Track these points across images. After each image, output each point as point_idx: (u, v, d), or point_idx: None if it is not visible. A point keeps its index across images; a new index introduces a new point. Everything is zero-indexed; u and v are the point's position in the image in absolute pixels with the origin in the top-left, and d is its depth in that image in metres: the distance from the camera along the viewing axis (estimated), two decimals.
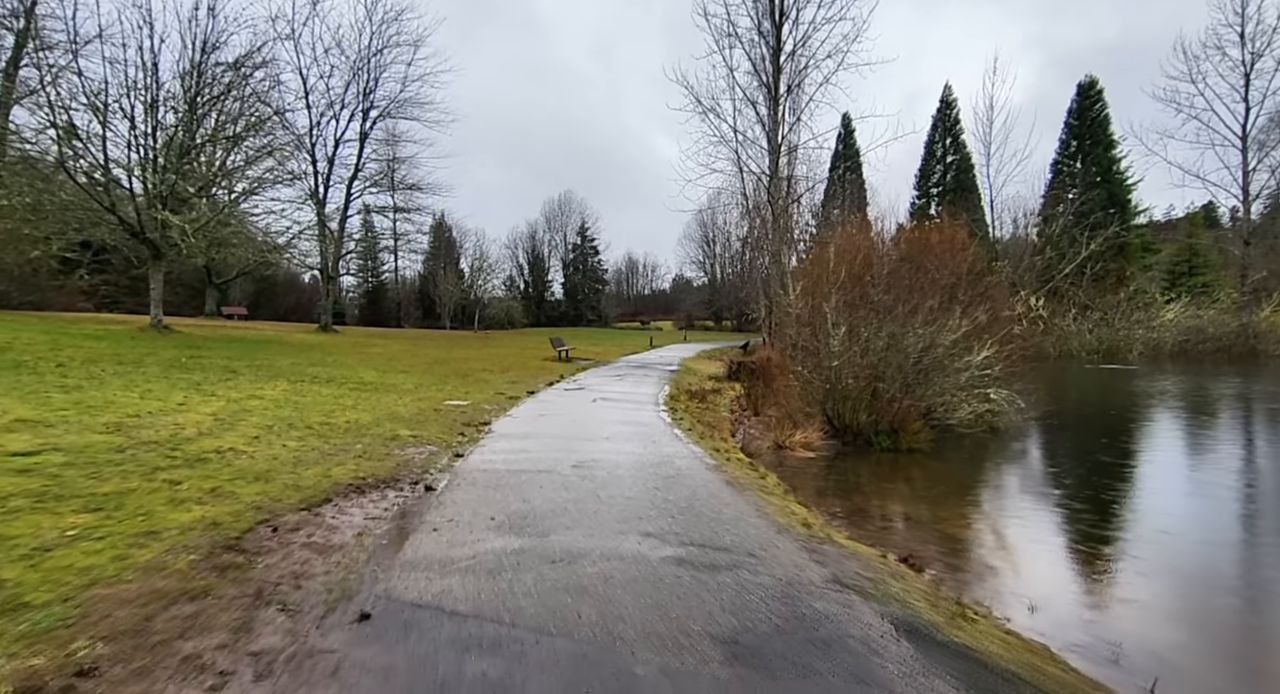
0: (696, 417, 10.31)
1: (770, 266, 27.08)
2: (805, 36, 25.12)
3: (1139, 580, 4.46)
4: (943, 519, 5.81)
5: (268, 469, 4.81)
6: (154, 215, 14.86)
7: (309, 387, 9.76)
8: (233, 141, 17.39)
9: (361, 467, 5.26)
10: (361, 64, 25.92)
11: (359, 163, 27.61)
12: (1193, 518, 6.16)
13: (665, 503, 4.63)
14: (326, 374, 11.72)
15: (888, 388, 8.26)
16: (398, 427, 7.31)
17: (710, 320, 64.84)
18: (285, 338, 21.01)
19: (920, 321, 8.13)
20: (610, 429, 7.98)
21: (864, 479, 7.44)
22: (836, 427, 8.97)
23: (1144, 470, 8.29)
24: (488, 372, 15.10)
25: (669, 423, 8.87)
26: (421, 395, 10.23)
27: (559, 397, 11.39)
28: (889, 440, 8.52)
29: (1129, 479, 7.73)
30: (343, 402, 8.68)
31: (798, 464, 8.01)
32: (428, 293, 54.49)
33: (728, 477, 5.69)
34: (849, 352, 8.09)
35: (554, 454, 6.29)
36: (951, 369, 8.41)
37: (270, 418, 6.87)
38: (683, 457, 6.48)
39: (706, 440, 7.80)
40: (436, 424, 7.79)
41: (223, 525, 3.52)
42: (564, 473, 5.48)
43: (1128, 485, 7.42)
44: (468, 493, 4.73)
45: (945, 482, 7.45)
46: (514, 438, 7.23)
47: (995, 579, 4.45)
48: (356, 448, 5.99)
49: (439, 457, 6.01)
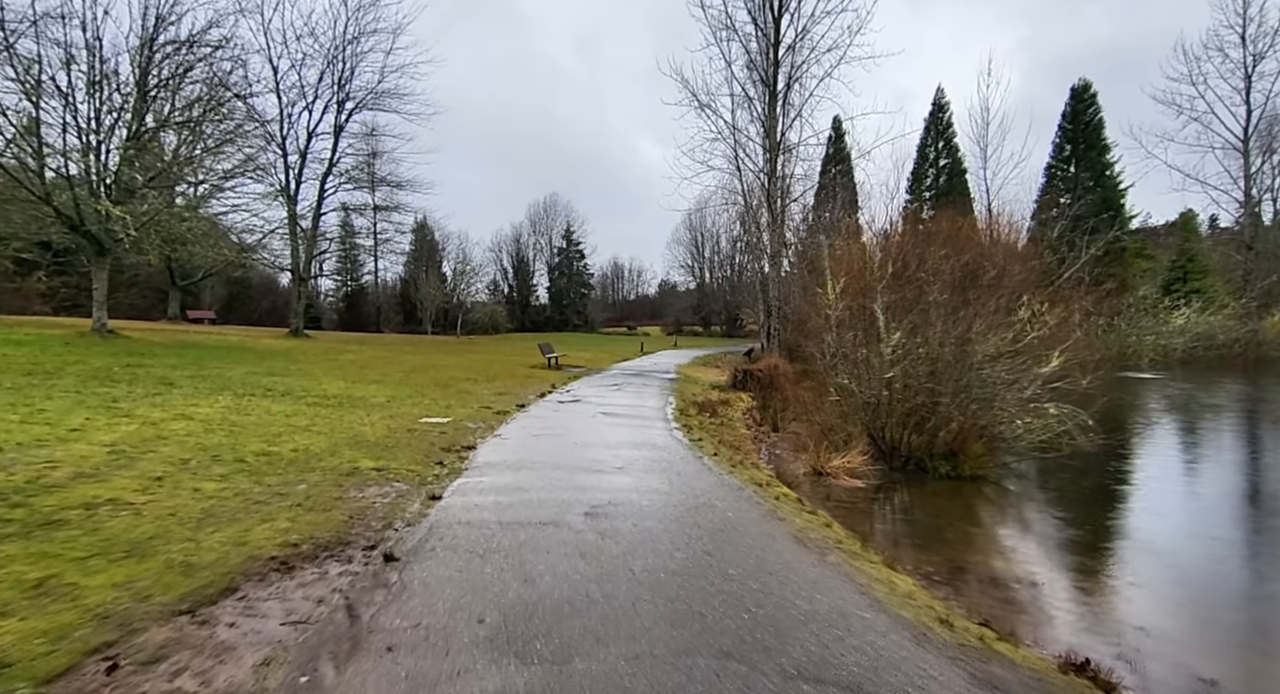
0: (714, 435, 8.96)
1: (770, 269, 25.99)
2: (805, 29, 24.14)
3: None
4: (1089, 593, 4.49)
5: (154, 535, 3.35)
6: (95, 206, 13.18)
7: (258, 402, 8.24)
8: (190, 128, 15.69)
9: (298, 522, 3.82)
10: (336, 52, 24.35)
11: (333, 157, 25.95)
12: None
13: (727, 581, 3.26)
14: (284, 386, 10.17)
15: (948, 403, 6.99)
16: (359, 455, 5.86)
17: (699, 326, 63.70)
18: (249, 343, 19.28)
19: (985, 326, 6.90)
20: (622, 454, 6.60)
21: (934, 518, 6.14)
22: (882, 448, 7.68)
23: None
24: (471, 381, 13.62)
25: (687, 444, 7.52)
26: (394, 412, 8.75)
27: (553, 411, 9.97)
28: (947, 465, 7.25)
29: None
30: (295, 422, 7.18)
31: (846, 496, 6.69)
32: (409, 297, 52.64)
33: (791, 527, 4.35)
34: (906, 360, 6.83)
35: (558, 494, 4.90)
36: (1017, 381, 7.17)
37: (191, 448, 5.37)
38: (721, 495, 5.12)
39: (739, 470, 6.45)
40: (409, 450, 6.34)
41: (16, 665, 2.07)
42: (575, 526, 4.09)
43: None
44: (444, 566, 3.32)
45: (1044, 525, 6.13)
46: (505, 468, 5.82)
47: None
48: (298, 490, 4.53)
49: (408, 500, 4.58)
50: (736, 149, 25.94)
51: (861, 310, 7.51)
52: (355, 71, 25.07)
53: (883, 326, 6.97)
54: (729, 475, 6.00)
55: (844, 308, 7.63)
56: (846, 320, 7.66)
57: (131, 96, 14.06)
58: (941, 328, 6.87)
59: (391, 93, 26.09)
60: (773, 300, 25.81)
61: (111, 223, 13.18)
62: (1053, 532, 5.95)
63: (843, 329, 7.65)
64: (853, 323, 7.65)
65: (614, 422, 9.08)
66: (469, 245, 63.03)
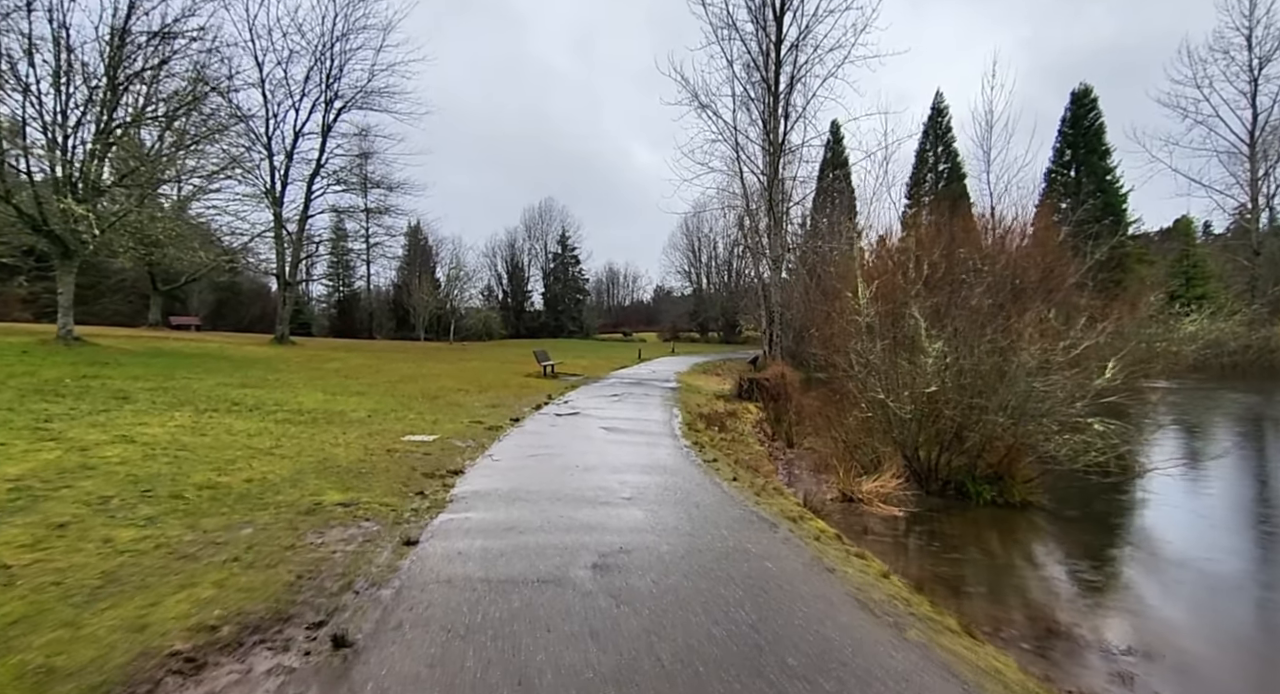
0: (728, 453, 8.16)
1: (771, 274, 25.30)
2: (808, 28, 23.54)
3: None
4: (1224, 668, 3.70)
5: (19, 616, 2.51)
6: (59, 205, 12.29)
7: (219, 419, 7.37)
8: (166, 124, 14.79)
9: (228, 588, 2.98)
10: (324, 49, 23.53)
11: (321, 158, 25.06)
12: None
13: (789, 677, 2.44)
14: (255, 399, 9.29)
15: (993, 419, 6.21)
16: (326, 486, 5.01)
17: (696, 332, 62.97)
18: (229, 351, 18.35)
19: (1036, 332, 6.15)
20: (630, 481, 5.78)
21: (993, 557, 5.34)
22: (916, 470, 6.89)
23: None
24: (462, 391, 12.77)
25: (701, 466, 6.71)
26: (374, 429, 7.90)
27: (550, 426, 9.15)
28: (992, 490, 6.46)
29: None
30: (257, 443, 6.32)
31: (885, 528, 5.88)
32: (402, 303, 51.70)
33: (847, 583, 3.54)
34: (948, 371, 6.05)
35: (559, 536, 4.08)
36: (1069, 394, 6.40)
37: (119, 481, 4.51)
38: (753, 536, 4.31)
39: (765, 498, 5.64)
40: (385, 477, 5.50)
41: None
42: (582, 584, 3.28)
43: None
44: (411, 656, 2.50)
45: (1129, 568, 5.29)
46: (496, 500, 4.99)
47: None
48: (241, 537, 3.69)
49: (377, 547, 3.74)
50: (738, 150, 25.29)
51: (894, 316, 6.75)
52: (344, 69, 24.33)
53: (924, 334, 6.21)
54: (756, 506, 5.19)
55: (876, 314, 6.87)
56: (877, 327, 6.89)
57: (100, 89, 13.19)
58: (990, 335, 6.10)
59: (382, 92, 25.33)
60: (775, 306, 25.10)
61: (77, 223, 12.29)
62: (1142, 576, 5.16)
63: (874, 337, 6.88)
64: (884, 330, 6.88)
65: (617, 438, 8.26)
66: (463, 250, 62.35)
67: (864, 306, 6.88)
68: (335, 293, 58.22)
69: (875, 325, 6.86)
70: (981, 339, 6.12)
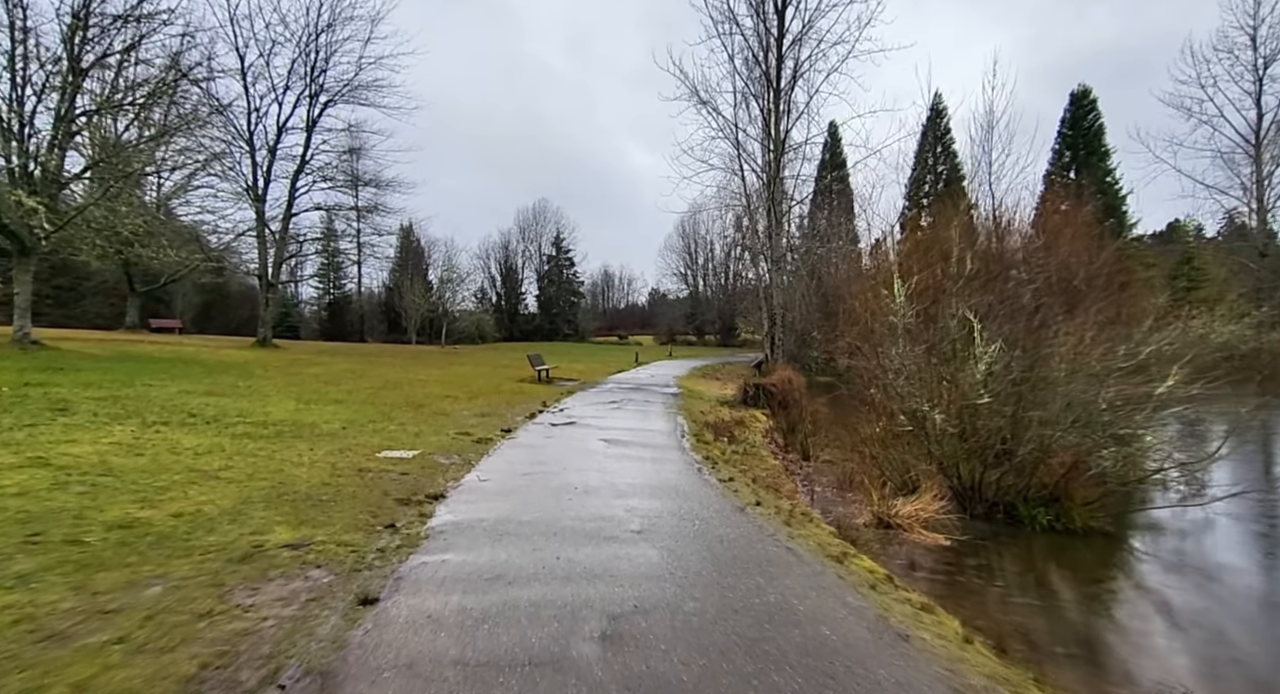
0: (743, 469, 7.35)
1: (773, 275, 24.57)
2: (810, 22, 22.85)
3: None
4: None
5: None
6: (10, 197, 11.34)
7: (168, 434, 6.48)
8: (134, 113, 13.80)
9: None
10: (309, 40, 22.60)
11: (305, 154, 24.07)
12: None
13: None
14: (217, 409, 8.40)
15: (1047, 433, 5.43)
16: (275, 519, 4.16)
17: (693, 335, 62.16)
18: (204, 356, 17.38)
19: (1102, 335, 5.39)
20: (638, 508, 4.96)
21: (1071, 603, 4.54)
22: (956, 489, 6.09)
23: None
24: (451, 399, 11.90)
25: (717, 487, 5.89)
26: (347, 443, 7.04)
27: (545, 438, 8.31)
28: (1049, 514, 5.67)
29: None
30: (204, 463, 5.45)
31: (935, 562, 5.08)
32: (393, 305, 50.68)
33: (932, 658, 2.72)
34: (1004, 379, 5.27)
35: (557, 590, 3.25)
36: (1132, 404, 5.63)
37: (6, 519, 3.63)
38: (796, 585, 3.49)
39: (797, 528, 4.82)
40: (351, 506, 4.65)
41: None
42: (588, 670, 2.45)
43: None
44: None
45: (1233, 615, 4.51)
46: (480, 536, 4.16)
47: None
48: (142, 600, 2.84)
49: (323, 610, 2.90)
50: (738, 148, 24.55)
51: (932, 317, 5.98)
52: (330, 62, 23.39)
53: (977, 337, 5.42)
54: (789, 540, 4.37)
55: (914, 314, 6.09)
56: (918, 331, 6.12)
57: (60, 74, 12.26)
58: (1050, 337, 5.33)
59: (370, 85, 24.40)
60: (776, 308, 24.37)
61: (30, 217, 11.35)
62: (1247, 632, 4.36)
63: (910, 340, 6.10)
64: (920, 332, 6.10)
65: (620, 453, 7.43)
66: (455, 252, 61.16)
67: (899, 306, 6.10)
68: (326, 295, 57.14)
69: (914, 328, 6.09)
70: (1042, 342, 5.35)
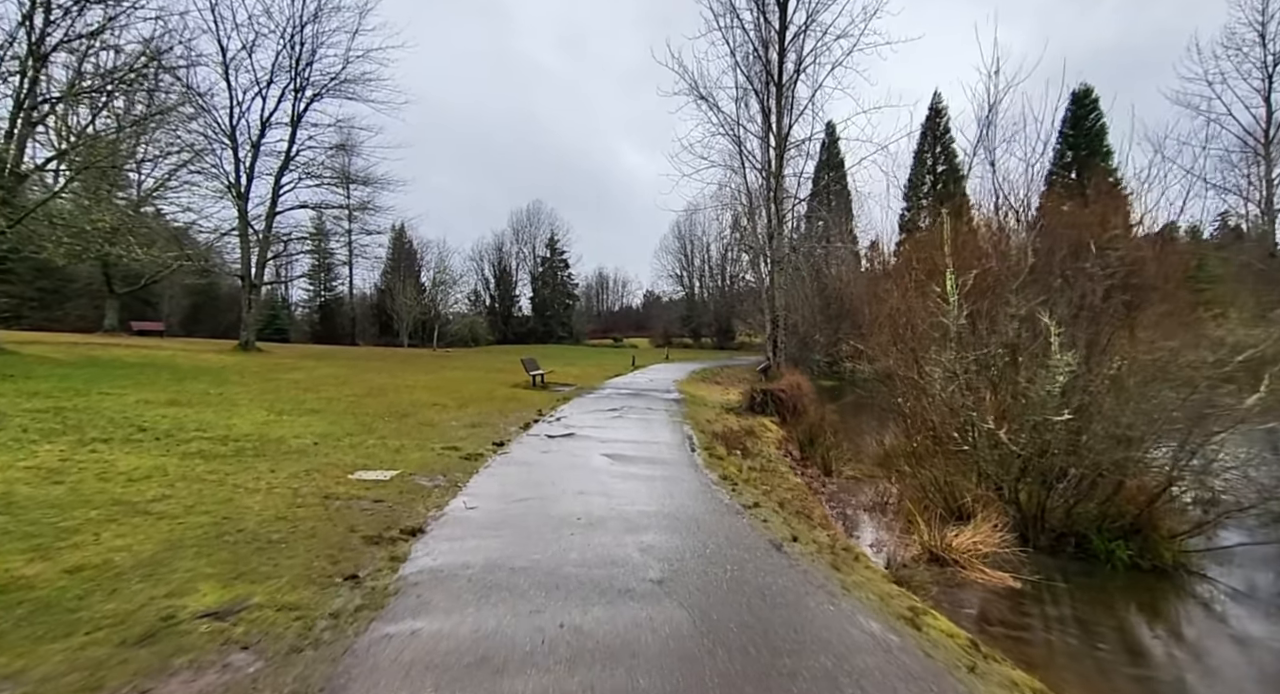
0: (764, 489, 6.54)
1: (776, 276, 23.82)
2: (813, 13, 22.14)
3: None
4: None
5: None
6: None
7: (104, 454, 5.61)
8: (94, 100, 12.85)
9: None
10: (294, 32, 21.68)
11: (290, 150, 23.10)
12: None
13: None
14: (174, 422, 7.53)
15: (1130, 455, 4.65)
16: (205, 570, 3.32)
17: (689, 337, 61.38)
18: (179, 360, 16.43)
19: (1191, 340, 4.63)
20: (655, 545, 4.14)
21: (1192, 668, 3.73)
22: (1016, 517, 5.30)
23: None
24: (439, 407, 11.05)
25: (743, 516, 5.09)
26: (316, 461, 6.18)
27: (542, 452, 7.48)
28: (1129, 548, 4.88)
29: None
30: (136, 492, 4.59)
31: (1010, 613, 4.27)
32: (385, 308, 49.67)
33: None
34: (1085, 391, 4.50)
35: (561, 680, 2.45)
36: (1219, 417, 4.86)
37: None
38: (870, 665, 2.69)
39: (847, 572, 4.01)
40: (307, 548, 3.81)
41: None
42: None
43: None
44: None
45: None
46: (464, 590, 3.33)
47: None
48: None
49: None
50: (739, 144, 23.83)
51: (993, 318, 5.20)
52: (316, 54, 22.46)
53: (1054, 342, 4.63)
54: (845, 594, 3.56)
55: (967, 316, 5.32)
56: (972, 335, 5.34)
57: (18, 58, 11.34)
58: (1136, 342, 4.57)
59: (358, 79, 23.47)
60: (779, 310, 23.63)
61: None
62: None
63: (963, 346, 5.32)
64: (976, 336, 5.33)
65: (626, 471, 6.61)
66: (448, 253, 60.21)
67: (952, 305, 5.32)
68: (317, 297, 56.06)
69: (965, 333, 5.31)
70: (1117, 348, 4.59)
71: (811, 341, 28.78)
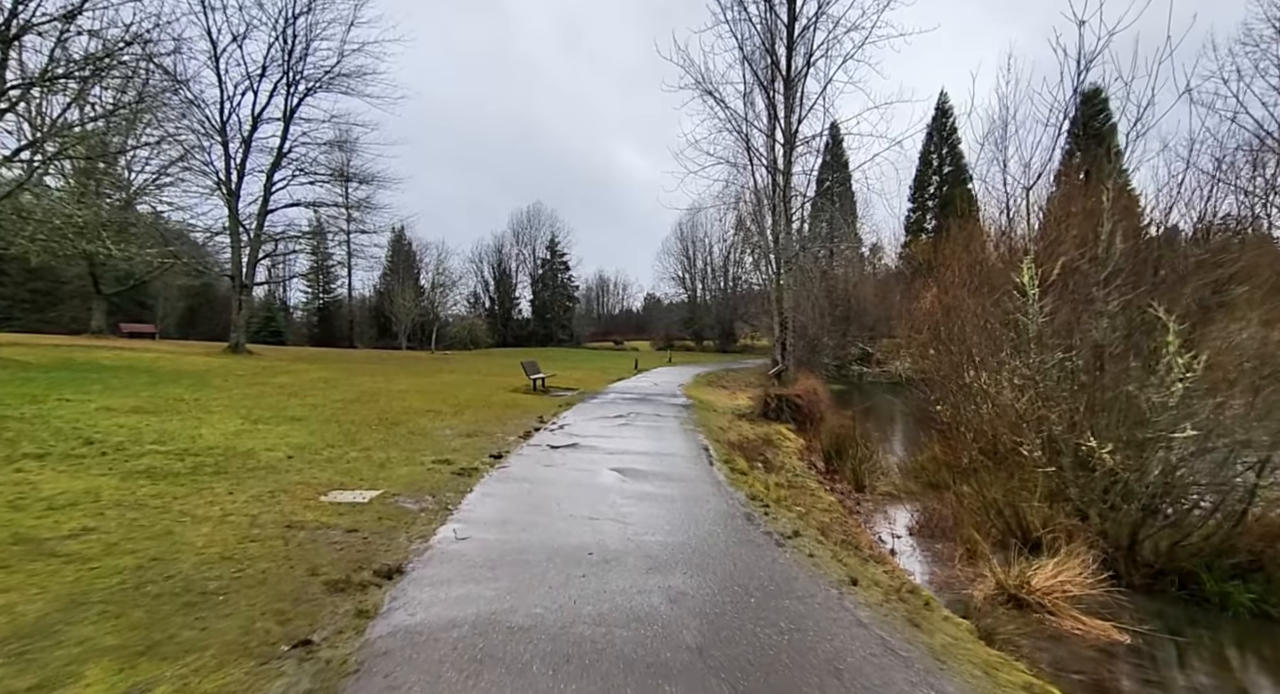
0: (798, 510, 5.72)
1: (785, 277, 23.03)
2: (823, 7, 21.38)
3: None
4: None
5: None
6: None
7: (31, 475, 4.80)
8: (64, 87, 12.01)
9: None
10: (286, 24, 20.93)
11: (282, 146, 22.32)
12: None
13: None
14: (131, 432, 6.72)
15: (1251, 481, 3.86)
16: (103, 641, 2.52)
17: (691, 340, 60.55)
18: (162, 363, 15.62)
19: None
20: (687, 594, 3.34)
21: None
22: (1106, 550, 4.49)
23: None
24: (432, 414, 10.24)
25: (786, 549, 4.29)
26: (286, 480, 5.38)
27: (545, 467, 6.67)
28: (1249, 591, 4.07)
29: None
30: (51, 525, 3.79)
31: (1132, 683, 3.45)
32: (383, 310, 48.85)
33: None
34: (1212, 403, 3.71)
35: None
36: None
37: None
38: None
39: (926, 627, 3.21)
40: (250, 601, 3.01)
41: None
42: None
43: None
44: None
45: None
46: (447, 664, 2.52)
47: None
48: None
49: None
50: (746, 141, 23.02)
51: (1078, 314, 4.43)
52: (309, 47, 21.72)
53: (1172, 343, 3.83)
54: (942, 669, 2.76)
55: (1051, 313, 4.52)
56: (1054, 335, 4.55)
57: None
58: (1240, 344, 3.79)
59: (353, 74, 22.71)
60: (787, 311, 22.82)
61: None
62: None
63: (1042, 348, 4.53)
64: (1056, 337, 4.53)
65: (639, 489, 5.81)
66: (447, 255, 59.51)
67: (1031, 300, 4.53)
68: (315, 300, 55.28)
69: (1043, 332, 4.51)
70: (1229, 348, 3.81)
71: (820, 344, 27.98)
